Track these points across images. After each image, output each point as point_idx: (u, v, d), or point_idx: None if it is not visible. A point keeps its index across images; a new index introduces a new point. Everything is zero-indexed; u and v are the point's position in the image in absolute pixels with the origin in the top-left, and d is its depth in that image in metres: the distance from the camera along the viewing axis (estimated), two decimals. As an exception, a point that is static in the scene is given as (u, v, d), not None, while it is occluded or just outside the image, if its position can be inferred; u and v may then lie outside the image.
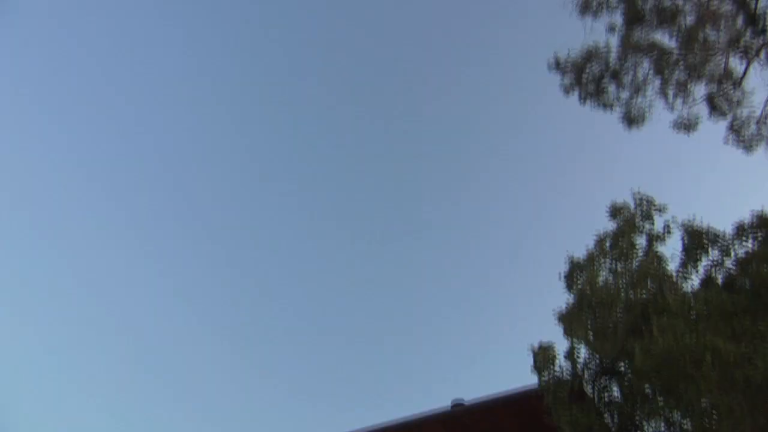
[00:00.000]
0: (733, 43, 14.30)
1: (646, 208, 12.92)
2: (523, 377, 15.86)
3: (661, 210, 12.85)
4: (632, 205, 13.17)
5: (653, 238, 12.73)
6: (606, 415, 12.70)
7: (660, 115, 14.71)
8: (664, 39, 15.06)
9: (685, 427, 10.72)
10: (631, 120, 14.54)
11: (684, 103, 14.32)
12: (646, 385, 11.39)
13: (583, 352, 13.04)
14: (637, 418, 12.03)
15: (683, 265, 12.12)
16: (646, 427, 11.90)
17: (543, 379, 12.83)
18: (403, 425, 15.78)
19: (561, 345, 13.44)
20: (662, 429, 11.37)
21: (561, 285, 13.83)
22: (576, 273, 13.46)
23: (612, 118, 15.06)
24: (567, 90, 14.75)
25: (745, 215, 11.75)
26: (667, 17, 14.42)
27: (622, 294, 12.35)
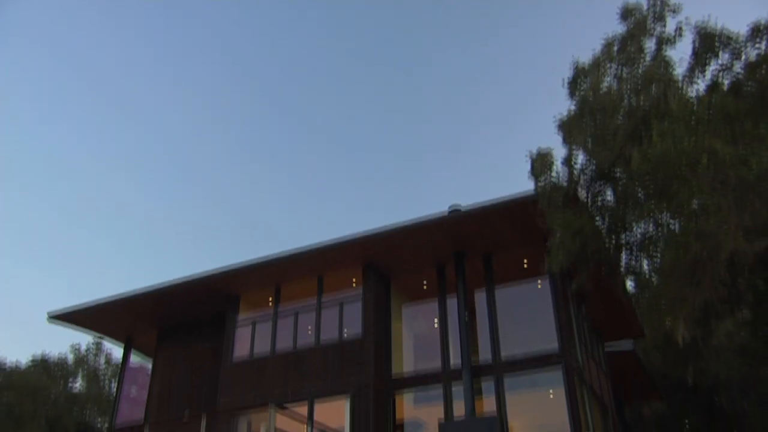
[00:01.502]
0: None
1: (660, 8, 12.25)
2: (520, 186, 16.32)
3: (674, 10, 12.18)
4: (645, 6, 12.49)
5: (663, 42, 12.24)
6: (597, 218, 13.17)
7: None
8: None
9: (673, 227, 11.13)
10: None
11: None
12: (639, 190, 11.63)
13: (580, 158, 13.17)
14: (627, 220, 12.47)
15: (691, 69, 11.77)
16: (635, 228, 12.38)
17: (539, 184, 13.08)
18: (403, 229, 16.47)
19: (559, 153, 13.60)
20: (651, 229, 11.82)
21: (564, 92, 13.64)
22: (580, 79, 13.16)
23: None
24: None
25: (764, 15, 11.15)
26: None
27: (625, 100, 12.17)
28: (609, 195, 13.25)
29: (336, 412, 16.12)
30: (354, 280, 18.13)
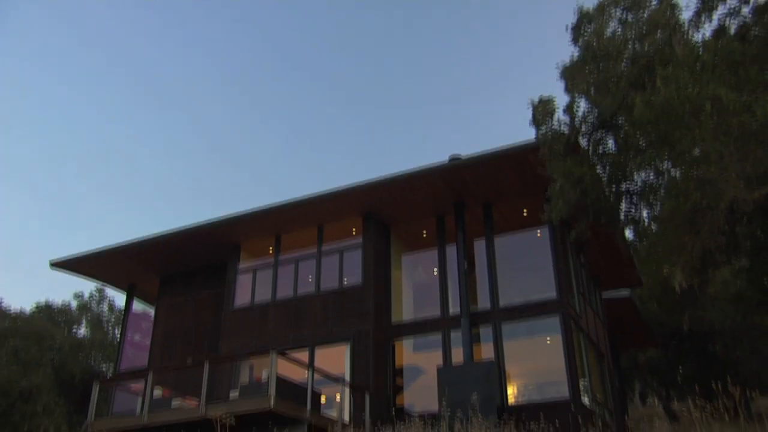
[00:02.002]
0: None
1: (668, -50, 11.89)
2: (521, 136, 16.21)
3: (683, -48, 11.83)
4: (653, -53, 12.12)
5: (670, -16, 11.92)
6: (598, 167, 13.11)
7: None
8: None
9: (674, 175, 11.08)
10: None
11: None
12: (641, 138, 11.54)
13: (582, 106, 13.02)
14: (628, 168, 12.41)
15: (697, 14, 11.50)
16: (635, 177, 12.34)
17: (541, 131, 12.97)
18: (403, 178, 16.43)
19: (561, 103, 13.44)
20: (651, 177, 11.77)
21: (567, 38, 13.38)
22: (584, 24, 12.88)
23: None
24: None
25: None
26: None
27: (630, 45, 11.95)
28: (610, 143, 13.16)
29: (336, 358, 16.41)
30: (354, 229, 18.19)
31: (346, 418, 14.76)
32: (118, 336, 25.16)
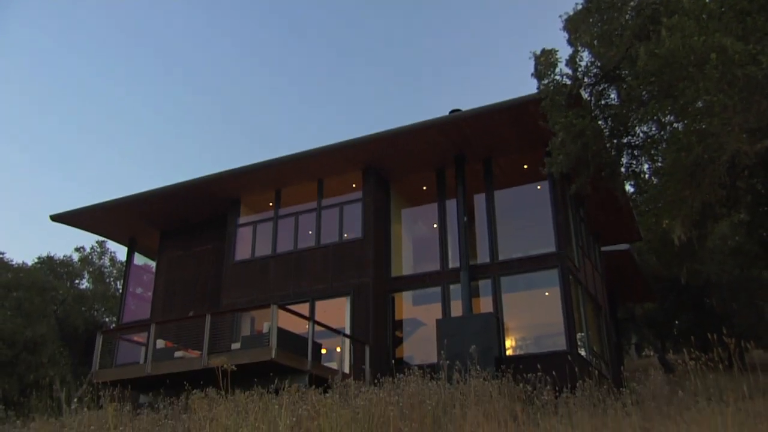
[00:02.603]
0: None
1: None
2: (521, 92, 16.01)
3: None
4: None
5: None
6: (600, 120, 12.98)
7: None
8: None
9: (676, 127, 10.98)
10: None
11: None
12: (644, 91, 11.39)
13: (585, 57, 12.82)
14: (630, 121, 12.30)
15: (705, -39, 11.19)
16: (638, 130, 12.23)
17: (542, 83, 12.79)
18: (403, 131, 16.29)
19: (564, 54, 13.21)
20: (653, 130, 11.66)
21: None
22: (589, -28, 12.58)
23: None
24: None
25: None
26: None
27: (635, -6, 11.68)
28: (613, 96, 13.01)
29: (336, 310, 16.57)
30: (354, 183, 18.14)
31: (347, 369, 14.99)
32: (120, 289, 25.37)
